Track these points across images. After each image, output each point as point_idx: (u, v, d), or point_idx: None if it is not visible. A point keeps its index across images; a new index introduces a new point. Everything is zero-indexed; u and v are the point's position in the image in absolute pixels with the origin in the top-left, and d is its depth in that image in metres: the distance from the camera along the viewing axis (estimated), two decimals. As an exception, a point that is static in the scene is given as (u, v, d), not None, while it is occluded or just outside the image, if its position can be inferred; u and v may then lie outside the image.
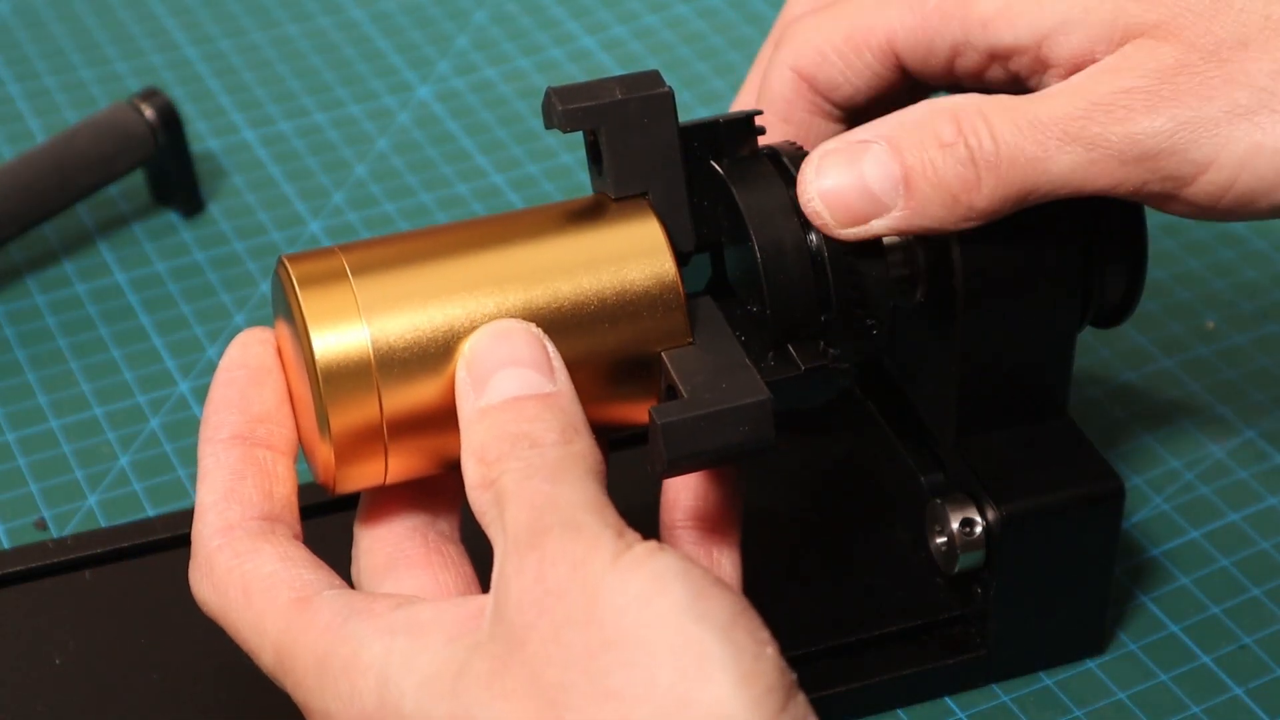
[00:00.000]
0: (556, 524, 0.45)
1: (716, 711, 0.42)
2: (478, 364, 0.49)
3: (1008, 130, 0.50)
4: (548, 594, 0.44)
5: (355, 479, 0.51)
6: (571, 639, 0.43)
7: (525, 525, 0.45)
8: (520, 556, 0.45)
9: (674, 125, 0.52)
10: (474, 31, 0.86)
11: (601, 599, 0.43)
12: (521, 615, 0.44)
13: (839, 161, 0.51)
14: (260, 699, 0.55)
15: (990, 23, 0.52)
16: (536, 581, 0.44)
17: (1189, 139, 0.49)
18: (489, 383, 0.48)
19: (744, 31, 0.86)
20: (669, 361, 0.50)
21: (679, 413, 0.48)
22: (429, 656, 0.45)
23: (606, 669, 0.42)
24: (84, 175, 0.72)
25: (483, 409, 0.48)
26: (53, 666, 0.57)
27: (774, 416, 0.49)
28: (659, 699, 0.42)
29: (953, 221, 0.51)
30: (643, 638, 0.43)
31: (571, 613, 0.43)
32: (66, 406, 0.68)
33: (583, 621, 0.43)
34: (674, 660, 0.42)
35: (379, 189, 0.77)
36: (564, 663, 0.43)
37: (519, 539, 0.45)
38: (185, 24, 0.87)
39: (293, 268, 0.50)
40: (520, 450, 0.47)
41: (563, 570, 0.44)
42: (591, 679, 0.42)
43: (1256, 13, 0.50)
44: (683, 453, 0.48)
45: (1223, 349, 0.69)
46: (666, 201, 0.52)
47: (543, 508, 0.45)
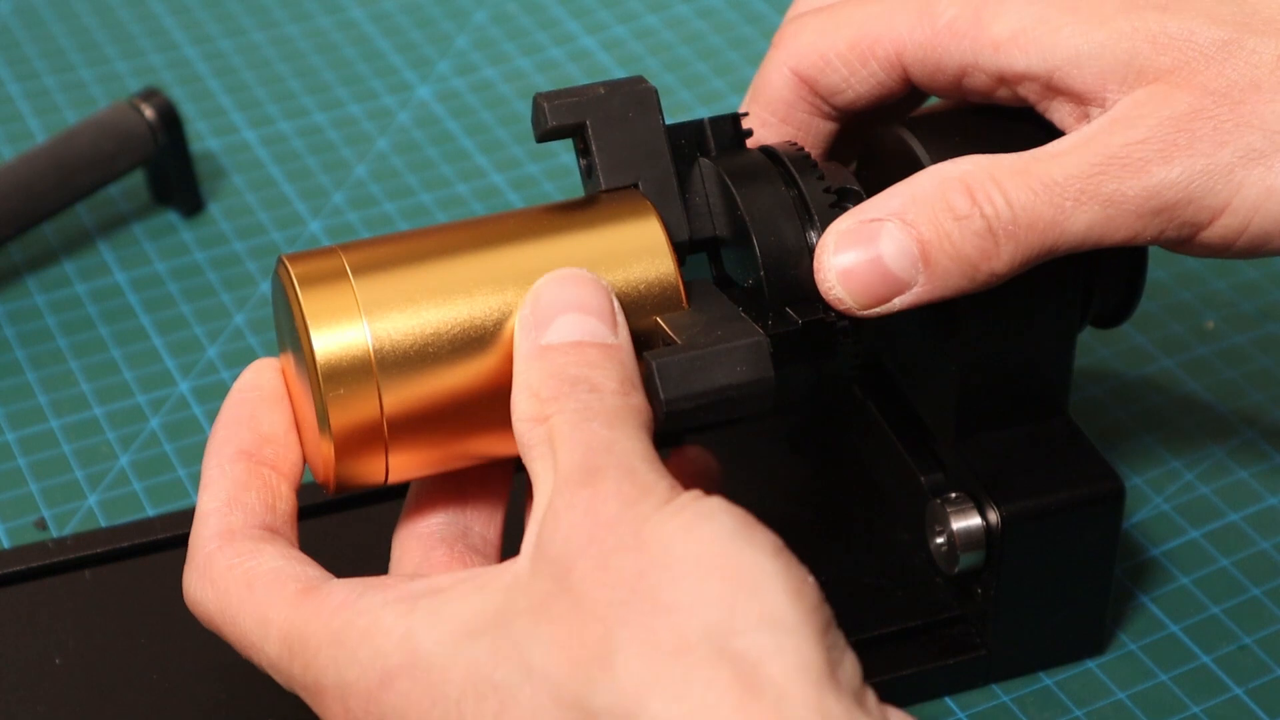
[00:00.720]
0: (612, 466, 0.45)
1: (769, 619, 0.42)
2: (543, 303, 0.49)
3: (1022, 194, 0.50)
4: (598, 526, 0.44)
5: (355, 478, 0.51)
6: (620, 563, 0.43)
7: (579, 464, 0.45)
8: (571, 492, 0.45)
9: (659, 118, 0.53)
10: (474, 31, 0.86)
11: (650, 528, 0.43)
12: (569, 547, 0.44)
13: (854, 243, 0.51)
14: (260, 699, 0.55)
15: (1003, 47, 0.52)
16: (587, 514, 0.44)
17: (1204, 186, 0.49)
18: (552, 323, 0.48)
19: (744, 31, 0.86)
20: (664, 322, 0.50)
21: (673, 354, 0.49)
22: (458, 606, 0.45)
23: (656, 586, 0.42)
24: (84, 175, 0.72)
25: (543, 346, 0.48)
26: (53, 666, 0.57)
27: (771, 360, 0.49)
28: (711, 610, 0.42)
29: (974, 288, 0.51)
30: (692, 556, 0.43)
31: (621, 540, 0.43)
32: (66, 406, 0.68)
33: (632, 548, 0.43)
34: (725, 575, 0.42)
35: (379, 189, 0.77)
36: (612, 584, 0.43)
37: (570, 476, 0.45)
38: (185, 24, 0.87)
39: (293, 267, 0.50)
40: (579, 392, 0.47)
41: (614, 506, 0.44)
42: (641, 596, 0.42)
43: (1268, 54, 0.50)
44: (679, 393, 0.48)
45: (1223, 349, 0.69)
46: (657, 192, 0.52)
47: (599, 450, 0.45)
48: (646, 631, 0.42)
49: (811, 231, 0.52)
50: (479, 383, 0.50)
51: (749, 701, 0.41)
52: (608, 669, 0.42)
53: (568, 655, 0.43)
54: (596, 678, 0.42)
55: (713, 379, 0.49)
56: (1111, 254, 0.56)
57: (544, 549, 0.44)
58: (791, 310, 0.52)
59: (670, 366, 0.48)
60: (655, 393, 0.48)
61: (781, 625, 0.42)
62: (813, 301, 0.52)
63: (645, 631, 0.42)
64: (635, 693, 0.42)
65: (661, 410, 0.48)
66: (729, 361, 0.49)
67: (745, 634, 0.42)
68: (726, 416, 0.50)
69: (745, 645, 0.42)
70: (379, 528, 0.60)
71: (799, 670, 0.41)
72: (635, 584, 0.43)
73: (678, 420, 0.49)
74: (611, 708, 0.42)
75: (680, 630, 0.42)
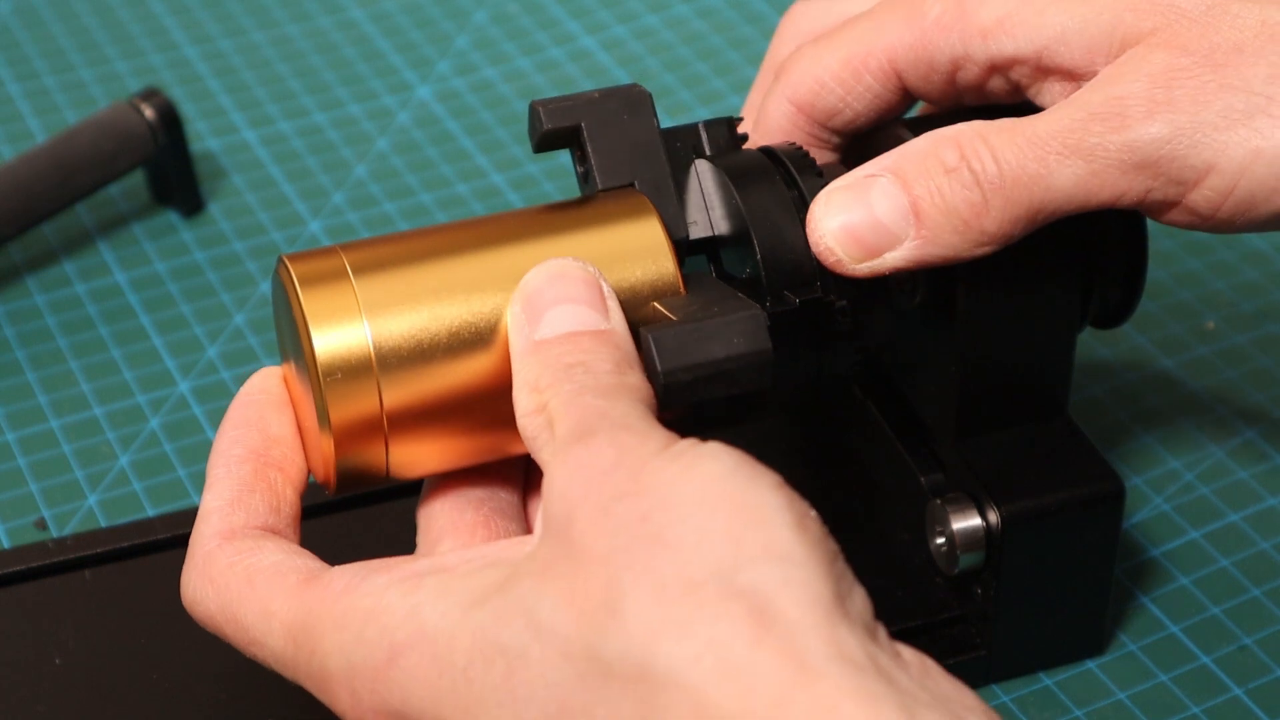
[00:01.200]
0: (606, 425, 0.45)
1: (774, 551, 0.42)
2: (532, 300, 0.49)
3: (1008, 150, 0.50)
4: (594, 476, 0.43)
5: (356, 478, 0.51)
6: (620, 509, 0.43)
7: (573, 429, 0.45)
8: (566, 453, 0.44)
9: (653, 119, 0.53)
10: (474, 31, 0.86)
11: (649, 472, 0.43)
12: (566, 502, 0.43)
13: (847, 197, 0.51)
14: (260, 699, 0.55)
15: (989, 34, 0.52)
16: (580, 468, 0.44)
17: (1188, 144, 0.49)
18: (543, 317, 0.48)
19: (744, 31, 0.86)
20: (661, 305, 0.50)
21: (670, 328, 0.49)
22: (466, 581, 0.45)
23: (659, 528, 0.42)
24: (84, 175, 0.72)
25: (537, 342, 0.48)
26: (53, 666, 0.57)
27: (768, 333, 0.49)
28: (716, 547, 0.42)
29: (966, 248, 0.51)
30: (694, 495, 0.42)
31: (619, 487, 0.43)
32: (66, 406, 0.68)
33: (631, 493, 0.43)
34: (728, 511, 0.42)
35: (379, 189, 0.77)
36: (613, 530, 0.42)
37: (565, 441, 0.45)
38: (185, 24, 0.87)
39: (293, 267, 0.50)
40: (574, 375, 0.47)
41: (609, 456, 0.44)
42: (644, 539, 0.42)
43: (1252, 18, 0.50)
44: (677, 364, 0.48)
45: (1223, 349, 0.69)
46: (654, 192, 0.52)
47: (592, 415, 0.45)
48: (652, 574, 0.42)
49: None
50: (479, 382, 0.50)
51: (761, 635, 0.40)
52: (616, 616, 0.42)
53: (574, 608, 0.42)
54: (605, 626, 0.42)
55: (710, 351, 0.49)
56: (1111, 254, 0.56)
57: (546, 516, 0.44)
58: (789, 293, 0.52)
59: (667, 339, 0.48)
60: (653, 365, 0.48)
61: (789, 558, 0.41)
62: (810, 285, 0.52)
63: (651, 574, 0.42)
64: (645, 637, 0.41)
65: (659, 382, 0.48)
66: (726, 334, 0.49)
67: (752, 569, 0.41)
68: (725, 391, 0.49)
69: (753, 580, 0.41)
70: (379, 528, 0.60)
71: (809, 603, 0.41)
72: (637, 528, 0.42)
73: (676, 394, 0.49)
74: (623, 654, 0.41)
75: (686, 570, 0.41)
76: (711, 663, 0.40)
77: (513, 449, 0.52)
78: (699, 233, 0.53)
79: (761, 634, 0.40)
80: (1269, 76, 0.49)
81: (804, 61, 0.55)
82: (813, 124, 0.55)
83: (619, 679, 0.41)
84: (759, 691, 0.40)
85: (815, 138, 0.56)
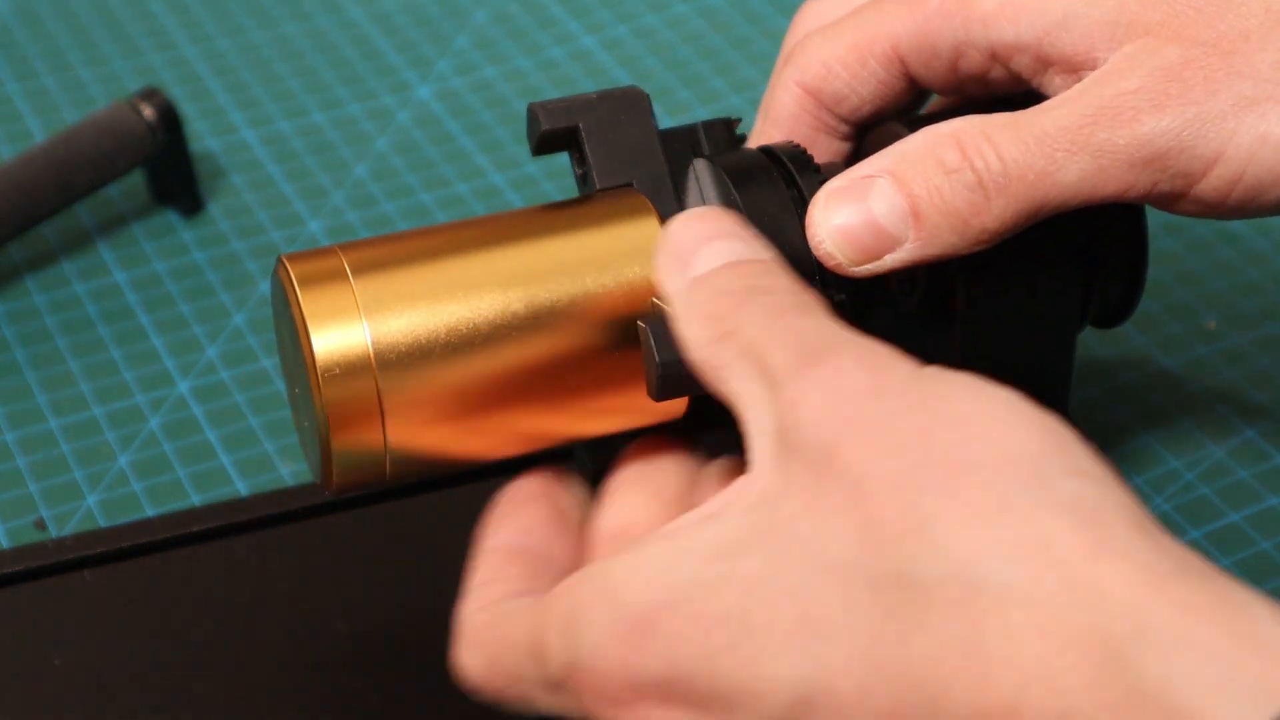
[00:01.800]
0: (836, 343, 0.43)
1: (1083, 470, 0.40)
2: (679, 242, 0.47)
3: (1013, 148, 0.49)
4: (851, 398, 0.41)
5: (355, 479, 0.51)
6: (897, 427, 0.41)
7: (796, 352, 0.43)
8: (802, 377, 0.42)
9: (651, 120, 0.53)
10: (473, 31, 0.86)
11: (915, 391, 0.41)
12: (823, 429, 0.41)
13: (845, 199, 0.50)
14: (260, 700, 0.55)
15: (990, 20, 0.52)
16: (833, 391, 0.42)
17: (1196, 134, 0.49)
18: (696, 255, 0.47)
19: (744, 31, 0.86)
20: (659, 300, 0.50)
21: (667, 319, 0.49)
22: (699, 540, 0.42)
23: (949, 445, 0.40)
24: (84, 175, 0.72)
25: (696, 279, 0.46)
26: (52, 667, 0.57)
27: None
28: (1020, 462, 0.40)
29: (966, 246, 0.50)
30: (980, 412, 0.41)
31: (888, 406, 0.41)
32: (66, 406, 0.68)
33: (904, 410, 0.41)
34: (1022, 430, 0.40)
35: (378, 189, 0.77)
36: (894, 451, 0.40)
37: (791, 366, 0.43)
38: (184, 23, 0.87)
39: (292, 267, 0.50)
40: (756, 298, 0.45)
41: (861, 377, 0.42)
42: (936, 458, 0.40)
43: (1258, 5, 0.50)
44: (675, 355, 0.48)
45: (1223, 349, 0.69)
46: (652, 192, 0.53)
47: (810, 335, 0.43)
48: (958, 493, 0.39)
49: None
50: (479, 382, 0.50)
51: (1099, 548, 0.38)
52: (925, 540, 0.39)
53: (870, 537, 0.40)
54: (914, 553, 0.39)
55: None
56: (1111, 253, 0.56)
57: (789, 445, 0.42)
58: None
59: (666, 329, 0.48)
60: (650, 355, 0.48)
61: (1099, 478, 0.40)
62: (809, 282, 0.52)
63: (956, 493, 0.39)
64: (968, 558, 0.39)
65: (657, 373, 0.48)
66: None
67: (1068, 484, 0.40)
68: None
69: (1072, 495, 0.39)
70: (380, 528, 0.60)
71: (1132, 516, 0.39)
72: (923, 446, 0.40)
73: (674, 385, 0.49)
74: (943, 578, 0.39)
75: (994, 485, 0.39)
76: (1053, 580, 0.38)
77: (513, 450, 0.52)
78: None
79: (1099, 547, 0.38)
80: (1276, 62, 0.49)
81: (811, 47, 0.55)
82: (820, 109, 0.55)
83: (941, 603, 0.39)
84: (1112, 603, 0.38)
85: (824, 124, 0.55)
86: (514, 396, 0.50)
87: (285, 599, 0.58)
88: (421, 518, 0.60)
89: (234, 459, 0.65)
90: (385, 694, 0.55)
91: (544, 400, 0.51)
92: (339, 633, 0.57)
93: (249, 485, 0.64)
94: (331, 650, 0.57)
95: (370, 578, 0.59)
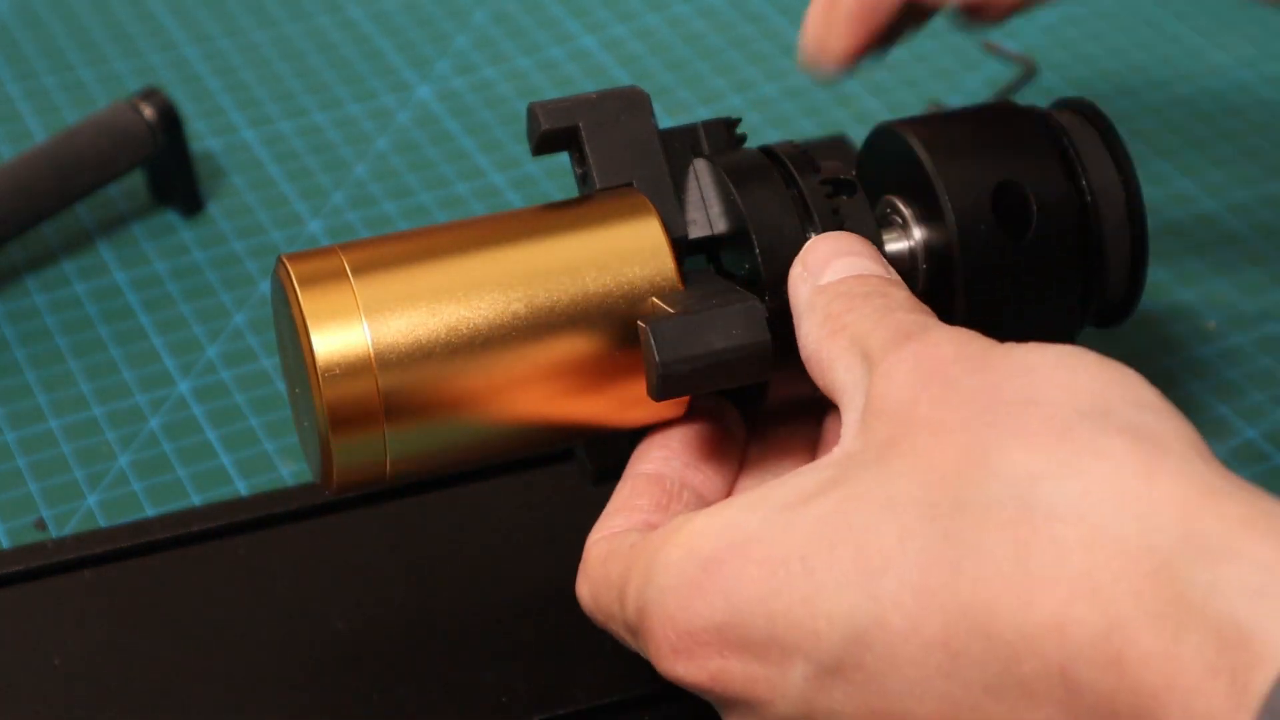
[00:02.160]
0: (934, 326, 0.44)
1: (1144, 402, 0.41)
2: (814, 256, 0.48)
3: None
4: (934, 365, 0.42)
5: (356, 479, 0.51)
6: (970, 383, 0.42)
7: (894, 333, 0.44)
8: (896, 351, 0.43)
9: (651, 119, 0.53)
10: (473, 31, 0.86)
11: (995, 355, 0.42)
12: (905, 393, 0.42)
13: None
14: (260, 699, 0.55)
15: None
16: (919, 361, 0.43)
17: None
18: (828, 267, 0.48)
19: (744, 31, 0.86)
20: (659, 299, 0.50)
21: (669, 319, 0.49)
22: (780, 490, 0.43)
23: (1017, 390, 0.41)
24: (84, 175, 0.72)
25: (822, 286, 0.47)
26: (52, 667, 0.56)
27: (767, 325, 0.49)
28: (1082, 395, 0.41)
29: None
30: (1050, 361, 0.42)
31: (965, 368, 0.42)
32: (66, 406, 0.68)
33: (979, 369, 0.42)
34: (1089, 371, 0.41)
35: (378, 189, 0.77)
36: (965, 402, 0.41)
37: (888, 344, 0.44)
38: (184, 23, 0.87)
39: (292, 267, 0.50)
40: (871, 300, 0.46)
41: (948, 349, 0.43)
42: (1002, 401, 0.41)
43: None
44: (675, 356, 0.48)
45: (1223, 349, 0.69)
46: (652, 191, 0.53)
47: (913, 325, 0.44)
48: (1018, 425, 0.40)
49: (810, 228, 0.52)
50: (479, 382, 0.50)
51: (1154, 466, 0.39)
52: (983, 466, 0.40)
53: (933, 473, 0.41)
54: (973, 478, 0.40)
55: (709, 342, 0.49)
56: (1111, 252, 0.56)
57: (873, 408, 0.43)
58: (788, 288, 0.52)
59: (665, 330, 0.48)
60: (651, 356, 0.48)
61: (1160, 410, 0.41)
62: None
63: (1017, 425, 0.40)
64: (1022, 480, 0.39)
65: (658, 373, 0.48)
66: (725, 325, 0.49)
67: (1126, 412, 0.40)
68: (725, 383, 0.49)
69: (1130, 420, 0.40)
70: (380, 528, 0.60)
71: (1190, 441, 0.40)
72: (992, 394, 0.41)
73: (674, 386, 0.49)
74: (997, 501, 0.39)
75: (1055, 417, 0.40)
76: (1105, 494, 0.39)
77: (512, 450, 0.52)
78: (698, 232, 0.53)
79: (1153, 465, 0.39)
80: None
81: None
82: None
83: (994, 525, 0.39)
84: (1162, 516, 0.38)
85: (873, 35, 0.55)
86: (514, 397, 0.50)
87: (285, 599, 0.58)
88: (421, 518, 0.60)
89: (234, 459, 0.65)
90: (385, 694, 0.55)
91: (544, 400, 0.51)
92: (339, 633, 0.57)
93: (249, 485, 0.64)
94: (331, 650, 0.57)
95: (370, 578, 0.59)
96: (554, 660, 0.56)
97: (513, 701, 0.55)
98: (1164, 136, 0.78)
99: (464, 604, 0.58)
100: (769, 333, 0.49)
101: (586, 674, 0.55)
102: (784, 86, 0.81)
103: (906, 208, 0.55)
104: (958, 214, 0.53)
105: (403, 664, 0.56)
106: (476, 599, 0.58)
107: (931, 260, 0.54)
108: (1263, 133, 0.78)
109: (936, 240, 0.54)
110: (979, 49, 0.83)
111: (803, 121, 0.79)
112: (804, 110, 0.80)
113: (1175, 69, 0.82)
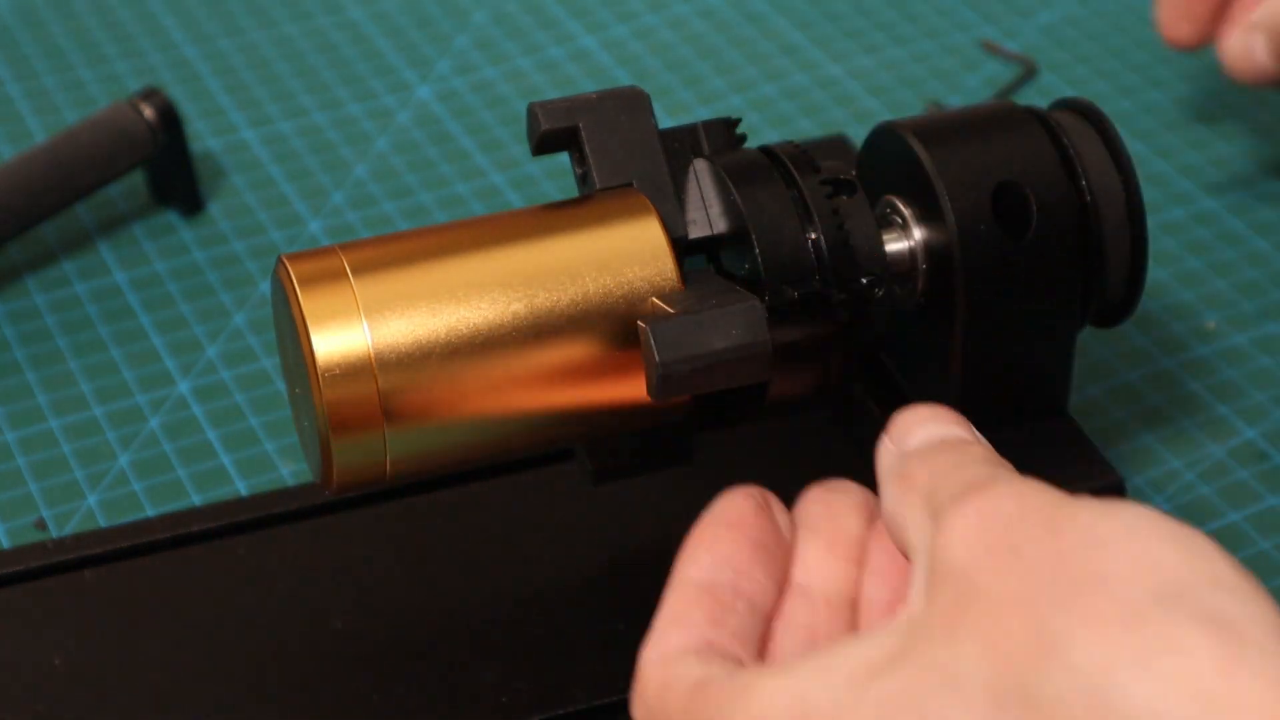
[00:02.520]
0: (1001, 479, 0.42)
1: (1222, 582, 0.39)
2: (898, 427, 0.47)
3: None
4: (994, 526, 0.41)
5: (356, 478, 0.51)
6: (1034, 551, 0.40)
7: (961, 487, 0.43)
8: (960, 505, 0.42)
9: (651, 119, 0.53)
10: (473, 31, 0.86)
11: (1063, 515, 0.41)
12: (968, 554, 0.41)
13: None
14: (260, 700, 0.55)
15: None
16: (981, 518, 0.41)
17: None
18: (913, 433, 0.46)
19: (744, 31, 0.86)
20: (659, 299, 0.50)
21: (669, 319, 0.49)
22: (846, 657, 0.42)
23: (1084, 563, 0.39)
24: (84, 175, 0.72)
25: (905, 452, 0.46)
26: (52, 666, 0.57)
27: (766, 324, 0.49)
28: (1153, 574, 0.39)
29: None
30: (1121, 530, 0.40)
31: (1030, 531, 0.40)
32: (66, 406, 0.68)
33: (1044, 535, 0.40)
34: (1161, 544, 0.39)
35: (378, 189, 0.77)
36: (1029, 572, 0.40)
37: (954, 498, 0.42)
38: (185, 23, 0.87)
39: (293, 267, 0.50)
40: (947, 455, 0.45)
41: (1010, 505, 0.41)
42: (1068, 577, 0.39)
43: None
44: (675, 356, 0.48)
45: (1223, 349, 0.69)
46: (652, 191, 0.53)
47: (981, 477, 0.43)
48: (1086, 607, 0.39)
49: (810, 228, 0.52)
50: (479, 382, 0.50)
51: (1233, 662, 0.37)
52: (1053, 654, 0.39)
53: (998, 653, 0.39)
54: (1042, 666, 0.39)
55: (709, 342, 0.49)
56: (1111, 252, 0.56)
57: (938, 570, 0.42)
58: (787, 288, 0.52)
59: (665, 330, 0.48)
60: (651, 356, 0.48)
61: (1238, 589, 0.39)
62: (808, 281, 0.52)
63: (1085, 608, 0.39)
64: (1096, 671, 0.38)
65: (658, 373, 0.48)
66: (724, 325, 0.49)
67: (1203, 595, 0.38)
68: (725, 383, 0.49)
69: (1208, 605, 0.38)
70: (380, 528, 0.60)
71: (1271, 629, 0.38)
72: (1056, 566, 0.40)
73: (674, 386, 0.49)
74: (1070, 691, 0.38)
75: (1126, 599, 0.39)
76: (1184, 692, 0.37)
77: (512, 450, 0.52)
78: (698, 232, 0.53)
79: (1233, 660, 0.37)
80: None
81: None
82: None
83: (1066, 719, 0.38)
84: (1244, 718, 0.37)
85: None
86: (514, 397, 0.50)
87: (285, 599, 0.58)
88: (421, 518, 0.60)
89: (234, 459, 0.65)
90: (385, 694, 0.55)
91: (544, 400, 0.51)
92: (339, 632, 0.57)
93: (249, 485, 0.64)
94: (330, 650, 0.57)
95: (370, 578, 0.59)
96: (554, 660, 0.56)
97: (513, 701, 0.55)
98: (1164, 136, 0.78)
99: (464, 604, 0.58)
100: (769, 333, 0.49)
101: (586, 674, 0.55)
102: (784, 86, 0.81)
103: (906, 208, 0.55)
104: (958, 214, 0.53)
105: (402, 664, 0.56)
106: (476, 599, 0.58)
107: (931, 260, 0.54)
108: (1263, 133, 0.78)
109: (936, 240, 0.54)
110: (979, 49, 0.83)
111: (803, 121, 0.79)
112: (804, 110, 0.80)
113: (1175, 69, 0.82)
